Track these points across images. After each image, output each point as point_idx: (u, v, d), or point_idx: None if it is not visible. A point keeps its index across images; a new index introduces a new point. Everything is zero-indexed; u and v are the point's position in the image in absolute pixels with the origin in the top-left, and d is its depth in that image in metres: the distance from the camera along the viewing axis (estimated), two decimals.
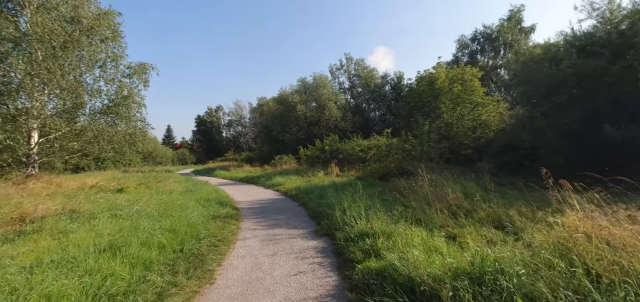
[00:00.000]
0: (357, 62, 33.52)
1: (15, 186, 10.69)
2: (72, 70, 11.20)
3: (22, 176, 11.79)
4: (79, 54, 11.46)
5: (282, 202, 9.17)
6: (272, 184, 13.71)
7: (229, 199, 9.48)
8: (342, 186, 10.27)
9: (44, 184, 11.43)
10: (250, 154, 36.28)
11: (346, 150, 16.88)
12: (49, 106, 11.12)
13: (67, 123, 11.65)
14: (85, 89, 12.38)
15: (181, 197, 8.12)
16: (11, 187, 10.42)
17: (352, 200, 6.14)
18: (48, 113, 11.12)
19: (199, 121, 65.78)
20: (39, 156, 12.14)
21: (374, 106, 33.28)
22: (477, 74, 16.66)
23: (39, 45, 9.51)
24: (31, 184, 11.07)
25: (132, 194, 9.86)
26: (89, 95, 12.48)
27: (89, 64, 11.96)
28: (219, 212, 6.84)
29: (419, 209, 4.85)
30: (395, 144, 11.84)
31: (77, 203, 5.58)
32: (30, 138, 11.65)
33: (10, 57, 8.82)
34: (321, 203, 7.54)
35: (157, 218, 5.13)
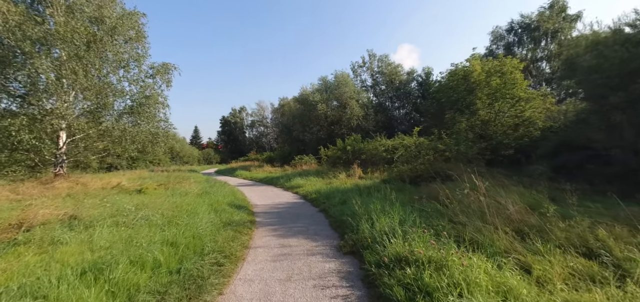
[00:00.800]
0: (381, 59, 32.16)
1: (42, 185, 10.97)
2: (96, 71, 11.28)
3: (50, 175, 12.13)
4: (102, 54, 11.52)
5: (300, 207, 8.43)
6: (291, 186, 13.06)
7: (245, 202, 8.92)
8: (367, 190, 9.34)
9: (70, 183, 11.65)
10: (271, 154, 36.20)
11: (369, 150, 15.83)
12: (75, 107, 11.29)
13: (93, 124, 11.77)
14: (110, 90, 12.55)
15: (195, 201, 7.65)
16: (38, 186, 10.69)
17: (382, 209, 5.23)
18: (74, 114, 11.30)
19: (224, 122, 67.50)
20: (67, 156, 12.45)
21: (398, 104, 31.72)
22: (518, 65, 14.89)
23: (64, 45, 9.56)
24: (58, 183, 11.31)
25: (150, 195, 9.64)
26: (113, 96, 12.62)
27: (113, 64, 12.06)
28: (232, 218, 6.23)
29: (471, 226, 3.84)
30: (426, 143, 10.67)
31: (83, 208, 5.20)
32: (59, 138, 11.95)
33: (34, 58, 8.87)
34: (344, 210, 6.69)
35: (161, 227, 4.58)
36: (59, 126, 10.94)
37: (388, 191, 7.79)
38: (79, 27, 10.04)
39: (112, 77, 12.91)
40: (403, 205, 5.66)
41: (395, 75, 30.99)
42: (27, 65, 8.95)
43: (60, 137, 11.95)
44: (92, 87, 11.41)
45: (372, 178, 13.33)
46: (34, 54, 8.96)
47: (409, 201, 6.32)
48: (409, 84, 30.96)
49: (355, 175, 14.01)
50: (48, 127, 9.97)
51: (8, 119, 9.07)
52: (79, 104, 11.71)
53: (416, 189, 8.24)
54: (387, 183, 10.47)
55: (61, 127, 11.08)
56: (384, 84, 31.88)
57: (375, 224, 4.49)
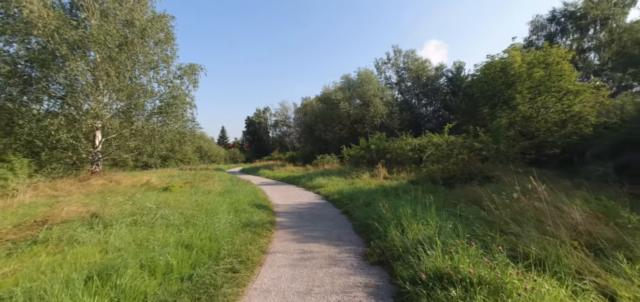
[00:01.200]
0: (407, 54, 30.88)
1: (79, 182, 11.61)
2: (128, 72, 11.75)
3: (88, 172, 12.85)
4: (133, 56, 11.97)
5: (322, 208, 8.04)
6: (313, 185, 12.73)
7: (266, 202, 8.72)
8: (394, 192, 8.73)
9: (104, 181, 12.24)
10: (293, 154, 36.30)
11: (395, 149, 15.07)
12: (109, 108, 11.84)
13: (126, 124, 12.28)
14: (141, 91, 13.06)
15: (216, 200, 7.56)
16: (75, 183, 11.32)
17: (413, 213, 4.67)
18: (108, 114, 11.86)
19: (249, 122, 69.24)
20: (103, 155, 13.13)
21: (425, 101, 30.26)
22: (566, 55, 13.36)
23: (97, 47, 10.00)
24: (93, 180, 11.91)
25: (175, 193, 9.78)
26: (144, 97, 13.11)
27: (143, 66, 12.52)
28: (252, 218, 5.99)
29: (527, 237, 3.19)
30: (459, 142, 9.78)
31: (106, 206, 5.21)
32: (95, 138, 12.62)
33: (71, 60, 9.34)
34: (369, 213, 6.19)
35: (178, 227, 4.41)
36: (94, 126, 11.55)
37: (419, 193, 7.16)
38: (111, 30, 10.47)
39: (143, 79, 13.45)
40: (437, 209, 5.05)
41: (423, 71, 29.58)
42: (64, 68, 9.44)
43: (96, 137, 12.62)
44: (124, 89, 11.90)
45: (398, 179, 12.60)
46: (70, 57, 9.43)
47: (444, 205, 5.67)
48: (437, 80, 29.41)
49: (379, 175, 13.36)
50: (84, 126, 10.50)
51: (48, 119, 9.65)
52: (113, 104, 12.27)
53: (450, 191, 7.50)
54: (416, 184, 9.75)
55: (97, 127, 11.69)
56: (410, 80, 30.59)
57: (406, 231, 3.96)
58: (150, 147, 13.54)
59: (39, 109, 10.27)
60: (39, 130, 9.79)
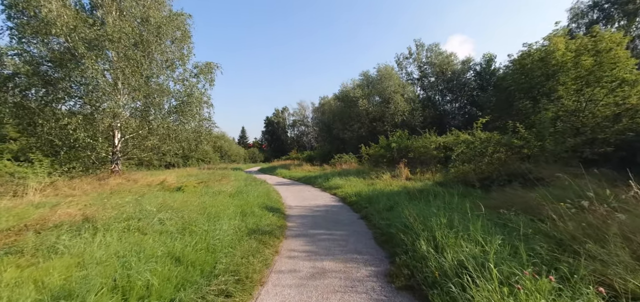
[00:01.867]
0: (430, 48, 29.27)
1: (98, 181, 11.71)
2: (144, 71, 11.69)
3: (107, 172, 13.01)
4: (149, 54, 11.90)
5: (338, 212, 7.32)
6: (329, 186, 12.03)
7: (278, 203, 8.14)
8: (419, 195, 7.82)
9: (122, 180, 12.30)
10: (311, 153, 35.84)
11: (418, 148, 13.99)
12: (126, 107, 11.86)
13: (142, 123, 12.27)
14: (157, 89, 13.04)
15: (225, 201, 7.09)
16: (93, 182, 11.41)
17: (449, 223, 3.84)
18: (125, 113, 11.89)
19: (267, 122, 69.98)
20: (122, 154, 13.26)
21: (450, 97, 28.51)
22: (621, 40, 11.68)
23: (111, 45, 9.95)
24: (112, 179, 12.00)
25: (187, 193, 9.50)
26: (160, 95, 13.08)
27: (159, 64, 12.45)
28: (260, 223, 5.41)
29: (617, 263, 2.30)
30: (495, 139, 8.65)
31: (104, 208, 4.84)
32: (114, 137, 12.74)
33: (86, 59, 9.32)
34: (391, 219, 5.40)
35: (174, 235, 3.90)
36: (113, 125, 11.61)
37: (449, 197, 6.24)
38: (126, 28, 10.40)
39: (160, 78, 13.44)
40: (476, 217, 4.18)
41: (448, 66, 27.87)
42: (80, 66, 9.44)
43: (115, 136, 12.74)
44: (141, 87, 11.88)
45: (423, 180, 11.59)
46: (87, 56, 9.42)
47: (484, 213, 4.75)
48: (463, 75, 27.57)
49: (401, 176, 12.40)
50: (100, 125, 10.52)
51: (66, 118, 9.71)
52: (130, 103, 12.29)
53: (487, 195, 6.49)
54: (443, 186, 8.76)
55: (116, 125, 11.74)
56: (434, 75, 28.96)
57: (442, 247, 3.16)
58: (166, 146, 13.48)
59: (58, 108, 10.39)
60: (58, 130, 9.90)
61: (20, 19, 9.80)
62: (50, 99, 10.12)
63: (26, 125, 10.02)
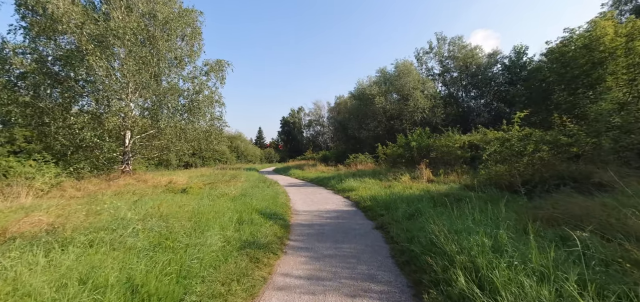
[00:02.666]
0: (453, 42, 27.47)
1: (107, 182, 11.54)
2: (152, 68, 11.40)
3: (118, 172, 12.88)
4: (158, 52, 11.59)
5: (351, 219, 6.44)
6: (342, 188, 11.14)
7: (285, 208, 7.38)
8: (445, 200, 6.77)
9: (132, 180, 12.09)
10: (326, 153, 35.02)
11: (440, 147, 12.74)
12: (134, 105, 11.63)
13: (152, 121, 12.01)
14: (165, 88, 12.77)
15: (225, 205, 6.44)
16: (101, 182, 11.23)
17: (495, 245, 2.87)
18: (133, 112, 11.65)
19: (283, 122, 70.06)
20: (133, 154, 13.11)
21: (475, 93, 26.57)
22: None
23: (116, 41, 9.66)
24: (121, 180, 11.82)
25: (190, 194, 9.01)
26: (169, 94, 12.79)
27: (168, 62, 12.13)
28: (258, 234, 4.65)
29: None
30: (537, 135, 7.39)
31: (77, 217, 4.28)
32: (124, 137, 12.58)
33: (90, 55, 9.06)
34: (413, 231, 4.46)
35: (146, 251, 3.21)
36: (123, 125, 11.40)
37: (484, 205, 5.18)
38: (131, 23, 10.10)
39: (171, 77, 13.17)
40: (525, 234, 3.17)
41: (472, 59, 25.97)
42: (84, 64, 9.20)
43: (126, 136, 12.58)
44: (149, 85, 11.61)
45: (447, 182, 10.42)
46: (91, 52, 9.16)
47: (533, 227, 3.70)
48: (490, 69, 25.56)
49: (422, 177, 11.27)
50: (107, 124, 10.29)
51: (72, 118, 9.52)
52: (138, 102, 12.07)
53: (530, 203, 5.34)
54: (472, 190, 7.62)
55: (127, 125, 11.54)
56: (457, 70, 27.14)
57: (496, 291, 2.22)
58: (175, 146, 13.17)
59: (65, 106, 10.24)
60: (66, 129, 9.74)
61: (32, 17, 9.76)
62: (59, 98, 10.00)
63: (36, 125, 9.96)
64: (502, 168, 7.98)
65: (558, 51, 12.42)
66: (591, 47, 11.21)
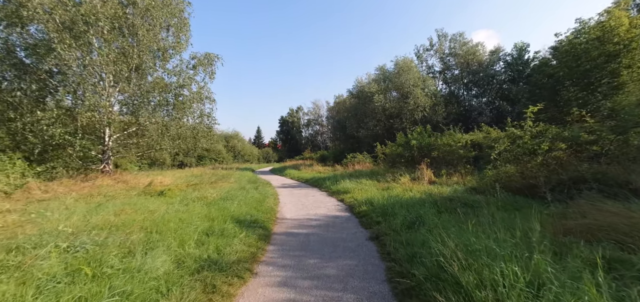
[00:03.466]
0: (454, 38, 26.69)
1: (82, 183, 10.69)
2: (132, 60, 10.54)
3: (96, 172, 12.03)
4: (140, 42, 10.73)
5: (342, 227, 5.62)
6: (337, 190, 10.32)
7: (269, 214, 6.55)
8: (450, 205, 5.96)
9: (111, 181, 11.23)
10: (324, 153, 34.20)
11: (442, 146, 11.92)
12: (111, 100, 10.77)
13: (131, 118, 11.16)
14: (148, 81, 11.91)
15: (198, 211, 5.63)
16: (76, 183, 10.39)
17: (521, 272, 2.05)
18: (112, 108, 10.77)
19: (282, 122, 69.31)
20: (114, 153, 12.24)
21: (476, 91, 25.78)
22: None
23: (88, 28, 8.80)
24: (99, 180, 10.97)
25: (167, 197, 8.20)
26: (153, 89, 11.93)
27: (149, 53, 11.26)
28: (225, 250, 3.82)
29: None
30: (553, 132, 6.58)
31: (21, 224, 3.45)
32: (104, 135, 11.73)
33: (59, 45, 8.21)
34: (415, 245, 3.67)
35: (53, 282, 2.38)
36: (99, 121, 10.54)
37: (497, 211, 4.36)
38: (107, 9, 9.25)
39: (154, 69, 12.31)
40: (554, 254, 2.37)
41: (474, 57, 25.18)
42: (53, 52, 8.35)
43: (105, 133, 11.73)
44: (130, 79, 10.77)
45: (449, 183, 9.61)
46: (58, 40, 8.32)
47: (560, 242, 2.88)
48: (491, 66, 24.77)
49: (423, 178, 10.45)
50: (80, 120, 9.43)
51: (38, 113, 8.67)
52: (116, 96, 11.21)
53: (548, 209, 4.52)
54: (479, 193, 6.81)
55: (104, 122, 10.67)
56: (458, 67, 26.35)
57: None
58: (158, 144, 12.32)
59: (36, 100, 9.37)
60: (32, 125, 8.89)
61: None
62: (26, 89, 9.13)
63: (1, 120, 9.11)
64: (513, 169, 7.18)
65: (569, 43, 11.62)
66: (604, 39, 10.43)
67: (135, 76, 11.55)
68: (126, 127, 12.05)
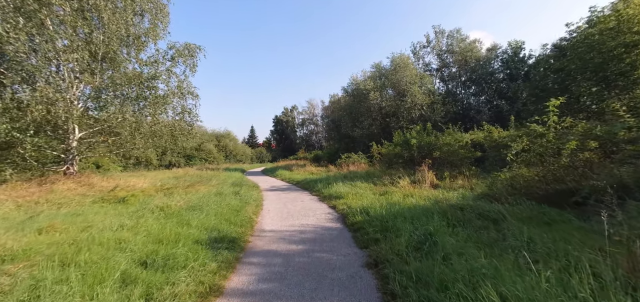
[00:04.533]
0: (451, 35, 25.86)
1: (39, 187, 9.39)
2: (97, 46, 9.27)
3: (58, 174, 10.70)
4: (103, 25, 9.46)
5: (333, 245, 4.52)
6: (329, 194, 9.22)
7: (245, 227, 5.40)
8: (462, 216, 4.92)
9: (73, 184, 9.92)
10: (318, 153, 33.12)
11: (445, 145, 10.90)
12: (69, 91, 9.47)
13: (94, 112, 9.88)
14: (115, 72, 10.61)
15: (150, 226, 4.46)
16: (31, 187, 9.08)
17: None
18: (65, 99, 9.37)
19: (276, 121, 68.15)
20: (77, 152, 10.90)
21: (475, 89, 24.97)
22: None
23: (38, 5, 7.53)
24: (60, 185, 9.66)
25: (129, 204, 7.00)
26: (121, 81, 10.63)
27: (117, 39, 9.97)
28: (156, 297, 2.68)
29: None
30: (582, 128, 5.61)
31: None
32: (67, 132, 10.43)
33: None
34: (431, 284, 2.59)
35: None
36: (56, 115, 9.23)
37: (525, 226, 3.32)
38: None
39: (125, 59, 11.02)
40: None
41: (471, 53, 24.37)
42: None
43: (70, 131, 10.43)
44: (92, 68, 9.49)
45: (454, 187, 8.61)
46: (8, 20, 7.03)
47: None
48: (489, 64, 23.99)
49: (424, 181, 9.43)
50: (30, 115, 8.13)
51: None
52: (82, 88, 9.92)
53: (589, 225, 3.52)
54: (495, 200, 5.80)
55: (60, 116, 9.34)
56: (456, 65, 25.50)
57: None
58: (130, 144, 11.04)
59: None
60: None
61: None
62: None
63: None
64: (531, 172, 6.17)
65: (580, 35, 10.73)
66: (621, 28, 9.55)
67: (104, 67, 10.28)
68: (93, 124, 10.74)
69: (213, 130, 52.66)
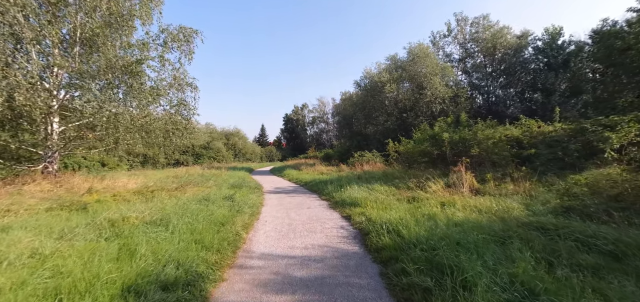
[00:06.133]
0: (476, 22, 23.46)
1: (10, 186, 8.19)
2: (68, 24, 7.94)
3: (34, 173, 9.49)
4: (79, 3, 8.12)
5: (350, 296, 2.82)
6: (342, 199, 7.49)
7: (222, 255, 3.75)
8: (552, 246, 3.12)
9: (49, 185, 8.67)
10: (329, 151, 31.42)
11: (484, 140, 8.94)
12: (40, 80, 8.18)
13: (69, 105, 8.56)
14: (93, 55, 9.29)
15: (79, 256, 2.92)
16: None
17: None
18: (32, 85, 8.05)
19: (286, 120, 67.23)
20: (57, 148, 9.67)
21: (503, 81, 22.51)
22: None
23: None
24: (31, 184, 8.43)
25: (86, 213, 5.57)
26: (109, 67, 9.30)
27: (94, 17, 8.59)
28: None
29: None
30: None
31: None
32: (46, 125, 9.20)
33: None
34: None
35: None
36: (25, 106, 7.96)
37: None
38: None
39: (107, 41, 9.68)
40: None
41: (500, 40, 21.94)
42: None
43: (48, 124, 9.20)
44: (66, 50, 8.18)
45: (502, 193, 6.71)
46: None
47: None
48: (520, 53, 21.51)
49: (461, 185, 7.57)
50: None
51: None
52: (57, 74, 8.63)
53: None
54: (585, 216, 3.96)
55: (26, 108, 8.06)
56: (481, 54, 23.13)
57: None
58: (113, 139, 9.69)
59: None
60: None
61: None
62: None
63: None
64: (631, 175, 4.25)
65: None
66: None
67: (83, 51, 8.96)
68: (80, 117, 9.45)
69: (222, 129, 51.99)
